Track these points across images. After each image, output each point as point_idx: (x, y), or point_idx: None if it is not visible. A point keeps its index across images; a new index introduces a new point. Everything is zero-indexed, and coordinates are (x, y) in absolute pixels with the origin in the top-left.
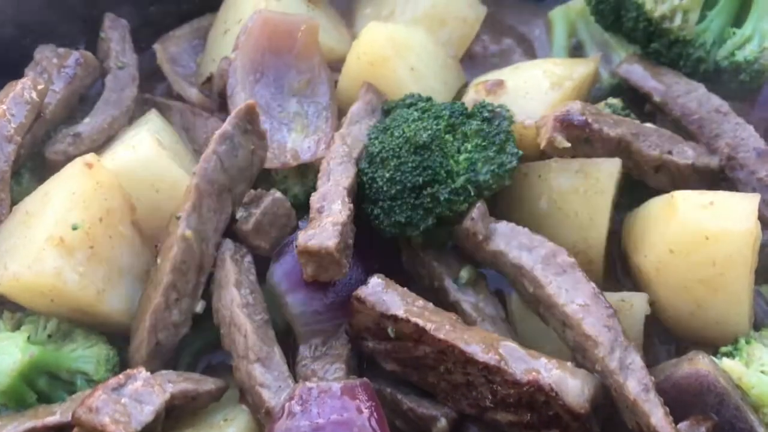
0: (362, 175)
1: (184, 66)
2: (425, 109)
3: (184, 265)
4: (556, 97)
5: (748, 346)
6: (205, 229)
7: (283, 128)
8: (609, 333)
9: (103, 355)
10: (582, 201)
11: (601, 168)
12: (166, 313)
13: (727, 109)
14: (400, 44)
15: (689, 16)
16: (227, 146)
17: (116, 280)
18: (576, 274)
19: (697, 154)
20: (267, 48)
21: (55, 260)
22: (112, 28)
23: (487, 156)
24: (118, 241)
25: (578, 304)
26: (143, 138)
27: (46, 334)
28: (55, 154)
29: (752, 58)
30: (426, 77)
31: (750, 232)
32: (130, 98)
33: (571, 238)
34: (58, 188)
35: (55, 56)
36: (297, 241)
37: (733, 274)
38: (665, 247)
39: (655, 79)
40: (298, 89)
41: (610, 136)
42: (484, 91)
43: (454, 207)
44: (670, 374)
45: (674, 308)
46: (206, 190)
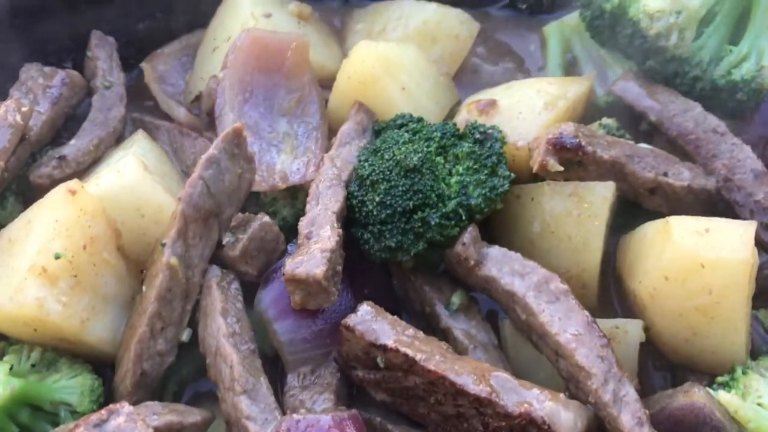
0: (352, 198)
1: (172, 84)
2: (416, 131)
3: (169, 294)
4: (549, 117)
5: (744, 377)
6: (191, 256)
7: (273, 149)
8: (602, 364)
9: (88, 386)
10: (576, 225)
11: (595, 191)
12: (151, 343)
13: (724, 129)
14: (391, 63)
15: (685, 34)
16: (213, 171)
17: (101, 308)
18: (569, 301)
19: (694, 175)
20: (256, 67)
21: (37, 290)
22: (99, 46)
23: (479, 179)
24: (103, 269)
25: (571, 334)
26: (128, 162)
27: (30, 363)
28: (40, 178)
29: (749, 77)
30: (417, 96)
31: (746, 261)
32: (116, 118)
33: (564, 261)
34: (40, 216)
35: (41, 76)
36: (284, 269)
37: (730, 303)
38: (660, 273)
39: (651, 98)
40: (288, 109)
41: (603, 158)
42: (477, 110)
43: (445, 231)
44: (665, 405)
45: (670, 335)
46: (192, 216)
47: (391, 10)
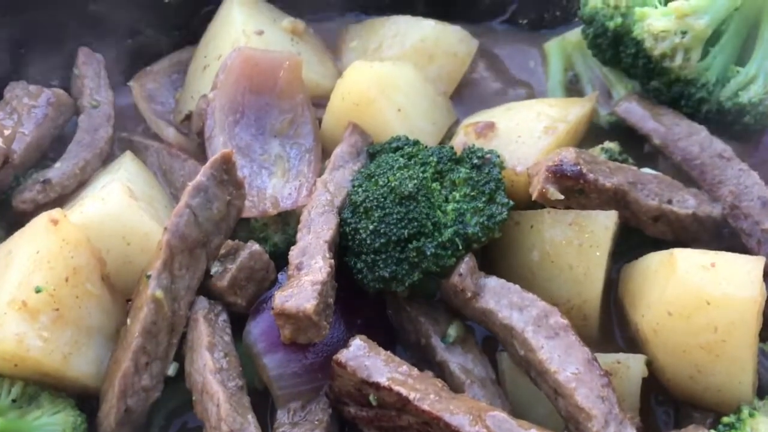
0: (345, 225)
1: (162, 103)
2: (412, 155)
3: (154, 327)
4: (549, 141)
5: (751, 420)
6: (177, 287)
7: (264, 172)
8: (603, 405)
9: (70, 423)
10: (576, 254)
11: (597, 221)
12: (135, 378)
13: (730, 155)
14: (386, 84)
15: (691, 55)
16: (201, 199)
17: (84, 342)
18: (569, 337)
19: (699, 202)
20: (247, 87)
21: (17, 326)
22: (86, 63)
23: (476, 206)
24: (86, 301)
25: (571, 372)
26: (114, 189)
27: (11, 398)
28: (23, 203)
29: (757, 99)
30: (414, 117)
31: (754, 299)
32: (104, 139)
33: (565, 292)
34: (21, 247)
35: (26, 95)
36: (273, 302)
37: (736, 341)
38: (664, 308)
39: (655, 120)
40: (281, 130)
41: (605, 186)
42: (474, 133)
43: (441, 261)
44: None
45: (673, 371)
46: (178, 246)
47: (387, 27)
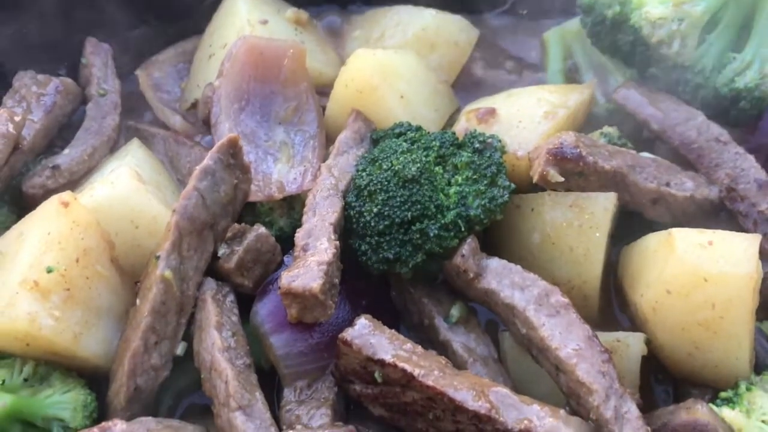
0: (349, 209)
1: (168, 91)
2: (414, 140)
3: (163, 307)
4: (549, 126)
5: (748, 393)
6: (186, 268)
7: (269, 158)
8: (604, 380)
9: (81, 401)
10: (577, 236)
11: (596, 202)
12: (145, 357)
13: (727, 138)
14: (389, 72)
15: (688, 41)
16: (209, 182)
17: (94, 322)
18: (570, 315)
19: (696, 185)
20: (252, 75)
21: (29, 305)
22: (94, 53)
23: (478, 189)
24: (96, 282)
25: (572, 349)
26: (122, 173)
27: (22, 378)
28: (33, 188)
29: (753, 85)
30: (416, 104)
31: (750, 276)
32: (111, 127)
33: (565, 273)
34: (33, 229)
35: (35, 84)
36: (280, 282)
37: (733, 318)
38: (662, 287)
39: (653, 107)
40: (285, 117)
41: (605, 169)
42: (476, 119)
43: (444, 243)
44: (667, 422)
45: (672, 349)
46: (186, 228)
47: (389, 17)
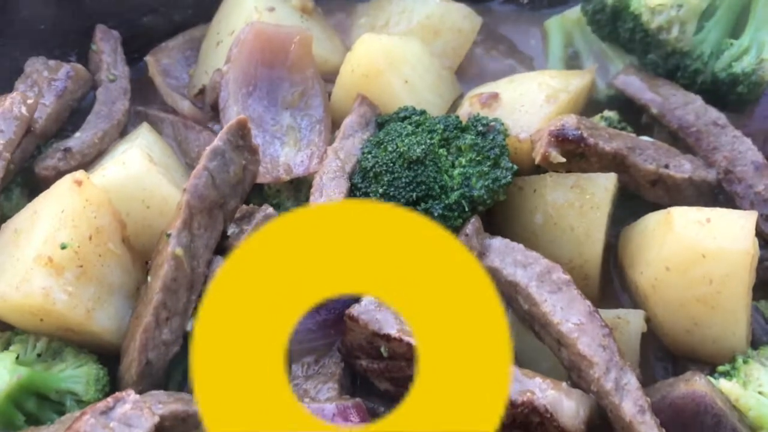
0: (355, 190)
1: (176, 78)
2: (419, 123)
3: (174, 284)
4: (551, 110)
5: (745, 366)
6: (196, 246)
7: (276, 142)
8: (604, 353)
9: (93, 375)
10: (578, 216)
11: (597, 183)
12: (156, 332)
13: (724, 122)
14: (395, 56)
15: (686, 28)
16: (218, 162)
17: (106, 299)
18: (571, 291)
19: (694, 167)
20: (260, 60)
21: (43, 280)
22: (104, 39)
23: (482, 171)
24: (108, 260)
25: (573, 323)
26: (134, 154)
27: (36, 353)
28: (45, 169)
29: (750, 69)
30: (420, 89)
31: (747, 251)
32: (121, 111)
33: (567, 253)
34: (46, 206)
35: (46, 69)
36: None
37: (730, 293)
38: (662, 264)
39: (652, 91)
40: (292, 102)
41: (605, 150)
42: (479, 104)
43: (448, 223)
44: (666, 394)
45: (671, 325)
46: (197, 206)
47: (394, 5)
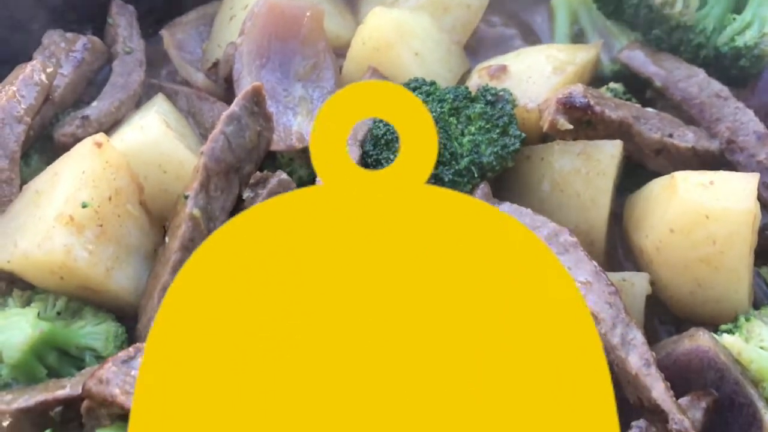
0: (367, 157)
1: (190, 52)
2: (429, 93)
3: (191, 244)
4: (558, 81)
5: (747, 323)
6: (213, 208)
7: (289, 112)
8: (611, 309)
9: (112, 332)
10: (584, 182)
11: (603, 150)
12: None
13: (727, 94)
14: (405, 30)
15: (690, 2)
16: (235, 127)
17: (124, 258)
18: (578, 253)
19: (698, 137)
20: (273, 34)
21: (65, 238)
22: (120, 13)
23: (491, 138)
24: (127, 221)
25: (580, 282)
26: (151, 119)
27: (56, 311)
28: (64, 136)
29: (752, 43)
30: (430, 62)
31: (749, 210)
32: (137, 82)
33: (573, 219)
34: (67, 167)
35: (63, 41)
36: None
37: (733, 253)
38: (666, 226)
39: (656, 65)
40: (304, 74)
41: (611, 118)
42: (488, 76)
43: (458, 188)
44: (671, 351)
45: (675, 287)
46: (214, 169)
47: None
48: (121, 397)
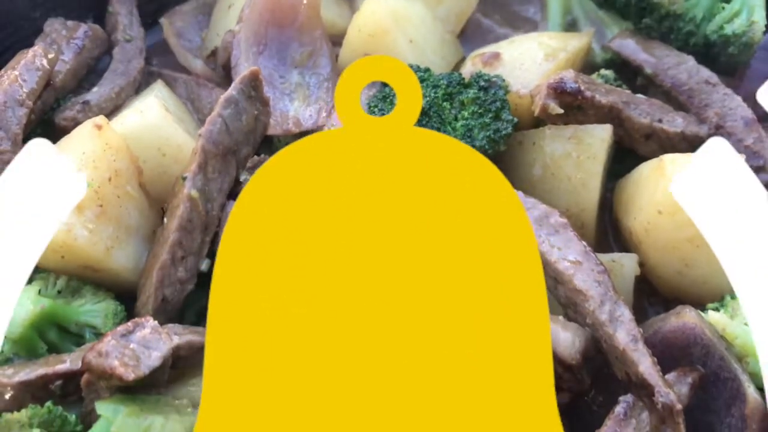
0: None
1: (189, 40)
2: (423, 79)
3: (189, 224)
4: (550, 67)
5: (733, 302)
6: (210, 189)
7: (285, 98)
8: (599, 287)
9: (111, 310)
10: (574, 166)
11: (593, 134)
12: (172, 270)
13: (716, 80)
14: (400, 16)
15: None
16: (232, 110)
17: (124, 238)
18: (568, 233)
19: (687, 122)
20: (270, 21)
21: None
22: (120, 2)
23: (484, 122)
24: (126, 201)
25: (570, 261)
26: (151, 103)
27: (56, 290)
28: (65, 120)
29: (740, 31)
30: (424, 50)
31: None
32: (136, 69)
33: (564, 203)
34: (68, 148)
35: (64, 28)
36: None
37: None
38: (654, 208)
39: (647, 52)
40: (300, 61)
41: (602, 103)
42: (481, 63)
43: None
44: (658, 329)
45: (663, 268)
46: (211, 151)
47: None
48: (120, 369)
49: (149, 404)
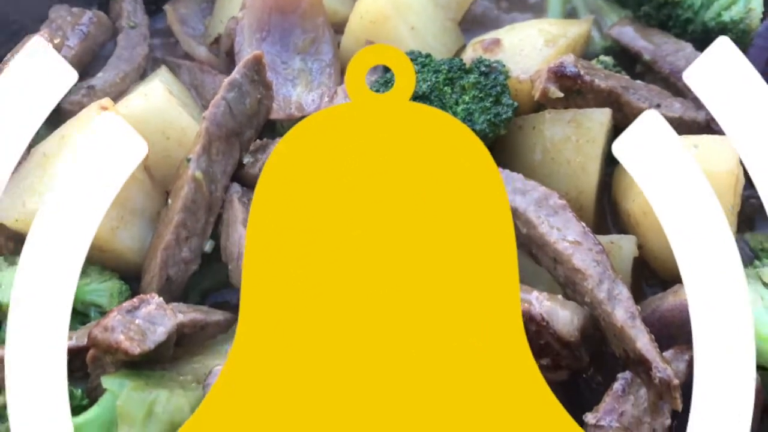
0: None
1: (193, 27)
2: (425, 64)
3: (194, 205)
4: (550, 53)
5: None
6: (214, 171)
7: (288, 84)
8: (598, 267)
9: (116, 289)
10: (574, 149)
11: (593, 117)
12: (176, 250)
13: None
14: (401, 4)
15: None
16: (236, 93)
17: (129, 219)
18: (567, 214)
19: (685, 108)
20: (273, 8)
21: None
22: None
23: (484, 106)
24: (131, 183)
25: (569, 241)
26: (155, 87)
27: None
28: (71, 104)
29: (738, 18)
30: (425, 37)
31: (732, 172)
32: (141, 55)
33: (563, 186)
34: (74, 131)
35: (70, 15)
36: None
37: None
38: None
39: (645, 40)
40: (303, 48)
41: (601, 87)
42: (482, 49)
43: None
44: (656, 307)
45: (661, 250)
46: (215, 133)
47: None
48: (126, 343)
49: (154, 379)
